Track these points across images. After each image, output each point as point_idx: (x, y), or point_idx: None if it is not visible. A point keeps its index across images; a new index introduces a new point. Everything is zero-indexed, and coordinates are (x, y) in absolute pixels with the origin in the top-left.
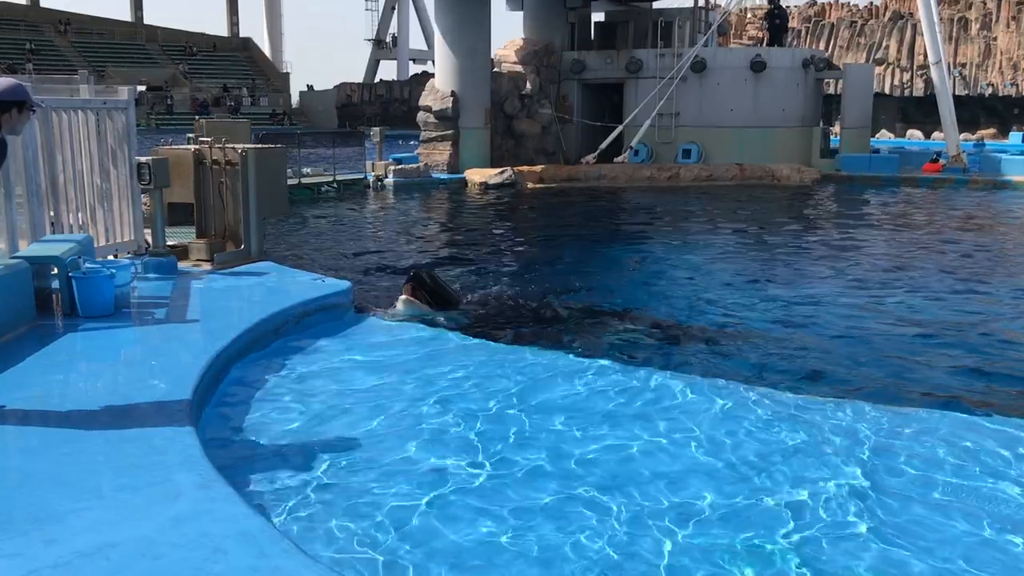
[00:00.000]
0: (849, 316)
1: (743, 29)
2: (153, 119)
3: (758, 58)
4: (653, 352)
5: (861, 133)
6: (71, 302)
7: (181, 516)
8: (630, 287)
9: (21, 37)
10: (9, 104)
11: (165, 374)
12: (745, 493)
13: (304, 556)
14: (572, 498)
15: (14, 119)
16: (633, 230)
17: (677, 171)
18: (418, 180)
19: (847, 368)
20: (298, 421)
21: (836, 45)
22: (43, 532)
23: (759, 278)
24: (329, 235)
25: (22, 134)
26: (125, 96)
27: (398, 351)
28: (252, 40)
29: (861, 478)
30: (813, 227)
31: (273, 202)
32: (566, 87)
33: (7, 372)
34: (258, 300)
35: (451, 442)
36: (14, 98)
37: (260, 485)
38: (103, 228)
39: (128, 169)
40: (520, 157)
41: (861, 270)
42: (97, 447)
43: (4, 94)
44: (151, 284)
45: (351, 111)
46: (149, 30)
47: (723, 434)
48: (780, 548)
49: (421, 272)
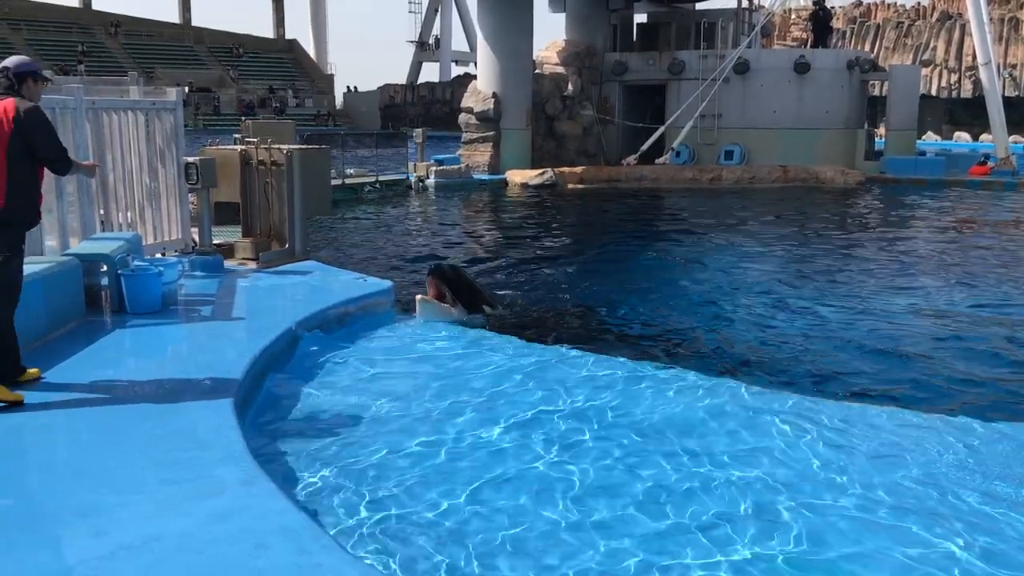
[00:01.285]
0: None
1: (787, 30)
2: (200, 120)
3: (802, 59)
4: (699, 358)
5: (907, 135)
6: (120, 299)
7: (224, 511)
8: (669, 291)
9: (73, 39)
10: (25, 75)
11: (210, 371)
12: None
13: (345, 553)
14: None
15: (31, 88)
16: (674, 232)
17: (719, 173)
18: (459, 181)
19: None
20: (341, 418)
21: (882, 46)
22: (90, 524)
23: (806, 283)
24: (371, 235)
25: (77, 138)
26: (173, 97)
27: (441, 350)
28: (297, 42)
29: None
30: (859, 230)
31: (317, 202)
32: (608, 88)
33: (57, 367)
34: (302, 298)
35: (497, 444)
36: (28, 69)
37: (302, 481)
38: (151, 227)
39: (176, 169)
40: (561, 158)
41: (919, 277)
42: (143, 442)
43: (19, 67)
44: (198, 282)
45: (394, 112)
46: (197, 32)
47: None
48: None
49: (444, 266)
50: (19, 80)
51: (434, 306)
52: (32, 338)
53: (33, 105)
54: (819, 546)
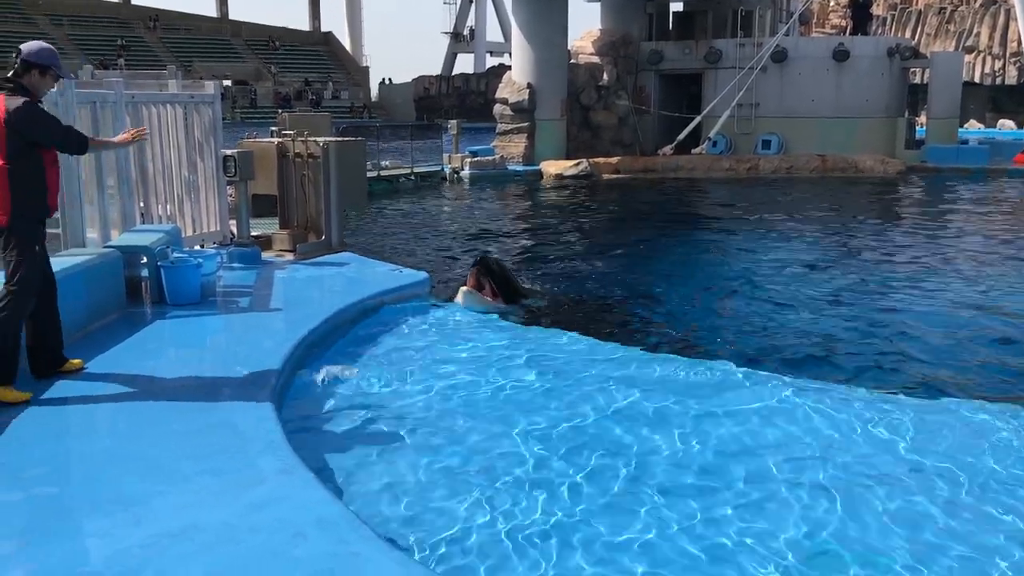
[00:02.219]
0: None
1: (826, 18)
2: (238, 112)
3: (841, 47)
4: (735, 351)
5: (949, 123)
6: (160, 290)
7: (262, 501)
8: (706, 283)
9: (113, 33)
10: (31, 65)
11: (249, 361)
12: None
13: (382, 542)
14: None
15: (35, 80)
16: (711, 223)
17: (756, 162)
18: (494, 172)
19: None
20: (378, 409)
21: (923, 32)
22: (131, 513)
23: (850, 275)
24: (407, 226)
25: (117, 131)
26: (211, 90)
27: (477, 341)
28: (333, 34)
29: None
30: (901, 219)
31: (353, 194)
32: (643, 78)
33: (99, 357)
34: (338, 290)
35: (531, 435)
36: (37, 60)
37: (340, 471)
38: (190, 219)
39: (214, 161)
40: (596, 149)
41: (962, 266)
42: (183, 431)
43: (30, 55)
44: (236, 273)
45: (429, 104)
46: (234, 25)
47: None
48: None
49: (489, 259)
50: (24, 68)
51: (476, 297)
52: (74, 329)
53: (21, 103)
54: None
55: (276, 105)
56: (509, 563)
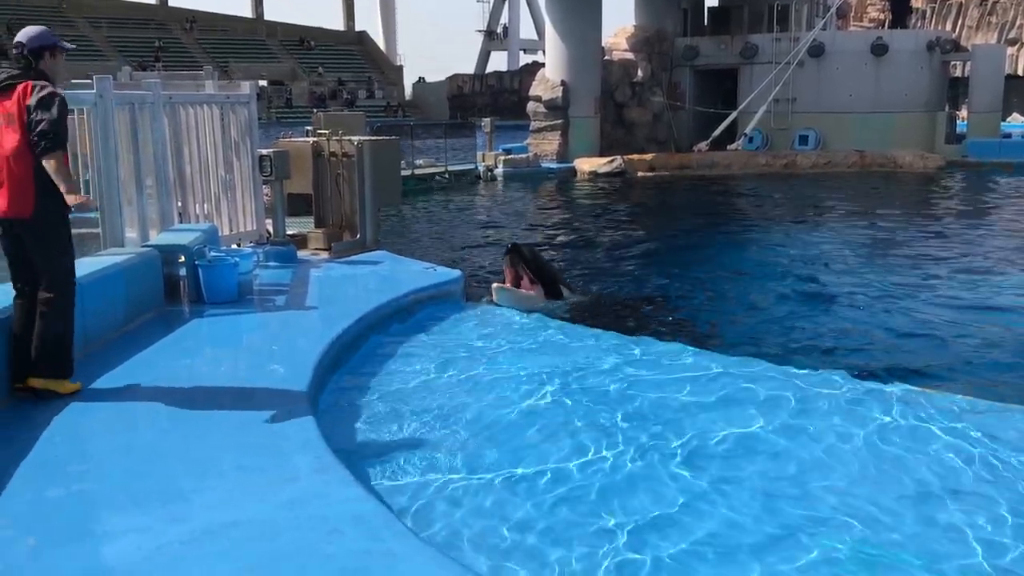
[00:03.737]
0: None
1: (863, 11)
2: (273, 112)
3: (879, 41)
4: (783, 348)
5: (990, 117)
6: (197, 289)
7: (298, 498)
8: (746, 279)
9: (151, 35)
10: (41, 50)
11: (285, 359)
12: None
13: (417, 540)
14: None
15: (49, 63)
16: (747, 219)
17: (793, 158)
18: (527, 170)
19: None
20: (412, 407)
21: (964, 25)
22: (170, 509)
23: (890, 272)
24: (441, 225)
25: (155, 131)
26: (247, 90)
27: (511, 339)
28: (367, 33)
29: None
30: (942, 215)
31: (387, 192)
32: (678, 74)
33: (137, 355)
34: (373, 288)
35: (573, 434)
36: (42, 43)
37: (375, 469)
38: (227, 218)
39: (250, 161)
40: (630, 146)
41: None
42: (220, 429)
43: (33, 41)
44: (272, 272)
45: (462, 102)
46: (269, 26)
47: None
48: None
49: (520, 245)
50: (35, 56)
51: (512, 293)
52: (112, 328)
53: (49, 91)
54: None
55: (311, 105)
56: (547, 566)
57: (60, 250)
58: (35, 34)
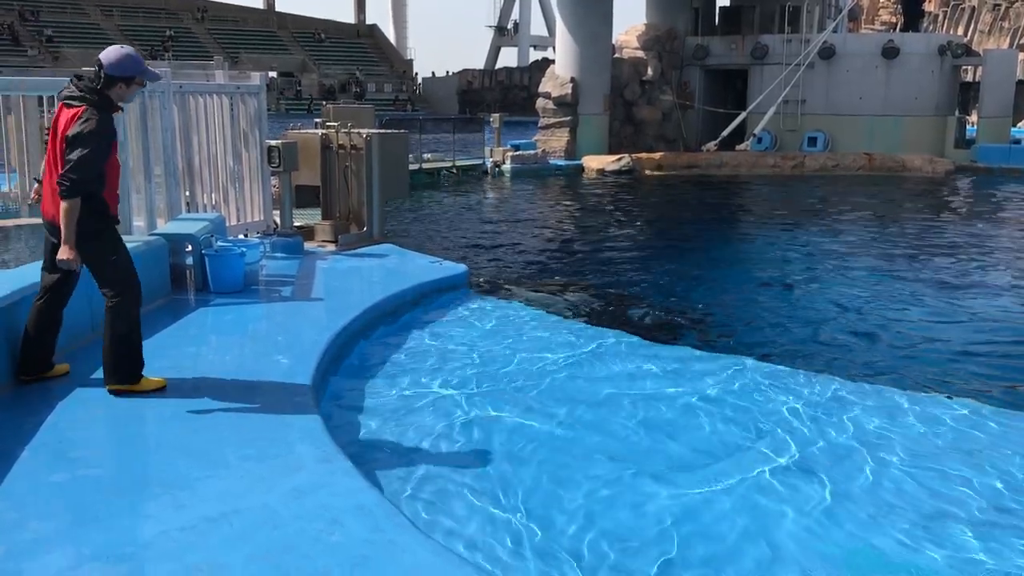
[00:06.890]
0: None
1: (875, 14)
2: (283, 104)
3: (891, 44)
4: (789, 349)
5: (1001, 122)
6: (203, 278)
7: (301, 488)
8: (751, 280)
9: (162, 25)
10: (116, 80)
11: (290, 350)
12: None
13: (418, 532)
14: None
15: (122, 92)
16: (754, 220)
17: (802, 160)
18: (535, 166)
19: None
20: (416, 399)
21: (976, 30)
22: (173, 497)
23: (898, 276)
24: (447, 219)
25: (165, 120)
26: (257, 81)
27: (514, 332)
28: (378, 27)
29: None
30: (949, 220)
31: (395, 186)
32: (688, 73)
33: (143, 343)
34: (379, 281)
35: (574, 424)
36: (121, 74)
37: (378, 460)
38: (234, 208)
39: (259, 152)
40: (639, 144)
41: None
42: (224, 418)
43: (112, 69)
44: (278, 263)
45: (472, 97)
46: (280, 17)
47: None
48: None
49: None
50: (108, 83)
51: None
52: None
53: (90, 129)
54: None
55: (321, 97)
56: (556, 562)
57: (104, 257)
58: (117, 62)
